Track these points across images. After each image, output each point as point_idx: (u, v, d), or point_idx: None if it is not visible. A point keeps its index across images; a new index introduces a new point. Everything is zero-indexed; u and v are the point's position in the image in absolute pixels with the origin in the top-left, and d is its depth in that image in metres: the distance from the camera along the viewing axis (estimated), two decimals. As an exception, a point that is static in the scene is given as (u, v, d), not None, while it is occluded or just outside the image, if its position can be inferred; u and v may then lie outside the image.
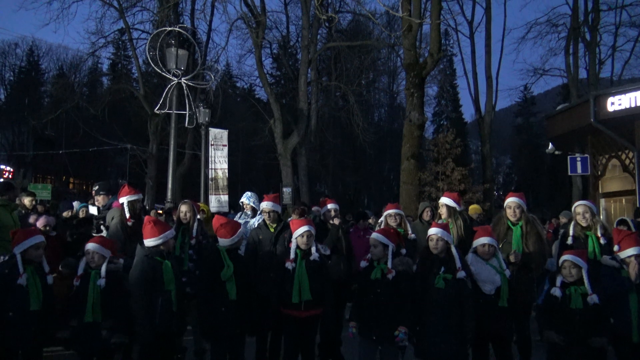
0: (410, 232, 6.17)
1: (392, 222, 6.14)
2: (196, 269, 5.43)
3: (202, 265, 4.89)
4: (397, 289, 4.44)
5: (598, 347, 4.15)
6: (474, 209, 10.11)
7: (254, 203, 6.86)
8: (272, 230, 5.70)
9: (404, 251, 4.88)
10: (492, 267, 4.56)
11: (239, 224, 4.87)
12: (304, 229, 4.81)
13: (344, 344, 5.75)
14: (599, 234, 5.22)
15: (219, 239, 4.63)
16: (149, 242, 4.47)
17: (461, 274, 4.32)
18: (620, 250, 4.57)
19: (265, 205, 5.83)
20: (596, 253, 5.11)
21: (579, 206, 5.48)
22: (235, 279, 4.51)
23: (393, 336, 4.28)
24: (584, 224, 5.36)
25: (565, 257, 4.39)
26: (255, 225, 6.12)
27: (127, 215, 5.42)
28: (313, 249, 4.83)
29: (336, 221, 6.15)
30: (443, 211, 5.92)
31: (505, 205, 5.54)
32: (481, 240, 4.64)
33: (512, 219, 5.37)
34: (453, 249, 4.47)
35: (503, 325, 4.53)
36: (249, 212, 6.70)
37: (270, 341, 5.22)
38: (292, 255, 4.74)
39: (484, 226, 5.07)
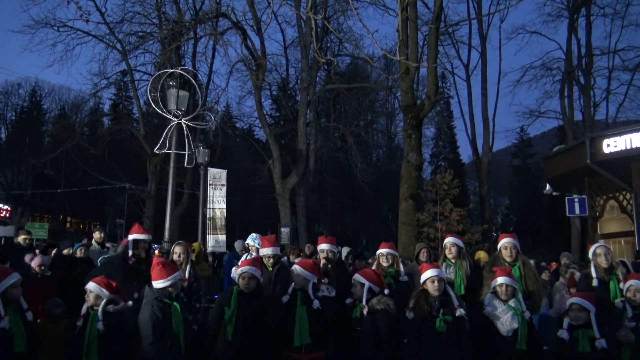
0: (403, 273, 5.97)
1: (384, 262, 6.03)
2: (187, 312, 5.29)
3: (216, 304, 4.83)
4: (374, 328, 4.45)
5: None
6: (483, 256, 9.89)
7: (259, 244, 6.79)
8: (270, 269, 5.64)
9: (387, 291, 4.84)
10: (511, 308, 4.51)
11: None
12: (310, 276, 4.78)
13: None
14: (621, 277, 5.09)
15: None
16: (157, 284, 4.38)
17: (460, 311, 4.33)
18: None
19: (267, 251, 5.79)
20: (618, 296, 4.99)
21: (598, 247, 5.37)
22: (238, 320, 4.48)
23: None
24: (605, 266, 5.23)
25: (572, 299, 4.35)
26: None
27: (130, 253, 5.35)
28: (318, 292, 4.79)
29: (322, 263, 5.86)
30: (453, 251, 5.75)
31: (500, 246, 5.50)
32: (499, 281, 4.61)
33: (508, 259, 5.33)
34: (449, 289, 4.50)
35: None
36: (254, 254, 6.69)
37: None
38: (290, 291, 4.74)
39: (503, 267, 5.03)
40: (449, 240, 5.91)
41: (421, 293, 4.53)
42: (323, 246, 6.05)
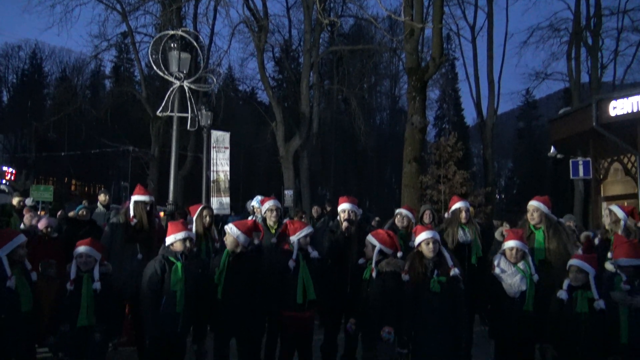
0: (413, 238, 5.93)
1: (399, 223, 6.03)
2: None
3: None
4: (383, 289, 4.52)
5: None
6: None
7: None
8: (272, 231, 5.60)
9: (400, 254, 4.82)
10: (520, 270, 4.61)
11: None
12: (307, 230, 4.87)
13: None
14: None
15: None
16: (167, 240, 4.65)
17: (455, 271, 4.38)
18: (613, 256, 4.54)
19: (270, 203, 5.79)
20: None
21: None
22: (226, 280, 4.59)
23: (378, 336, 4.38)
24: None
25: (571, 261, 4.42)
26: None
27: (131, 214, 5.36)
28: (310, 249, 4.90)
29: (344, 226, 5.47)
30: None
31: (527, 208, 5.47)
32: (510, 244, 4.69)
33: (532, 222, 5.32)
34: (444, 250, 4.55)
35: (527, 330, 4.51)
36: (259, 216, 6.54)
37: (266, 343, 5.09)
38: (294, 255, 4.74)
39: (514, 229, 5.10)
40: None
41: (416, 255, 4.57)
42: (344, 206, 5.62)
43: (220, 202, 14.20)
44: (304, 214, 10.61)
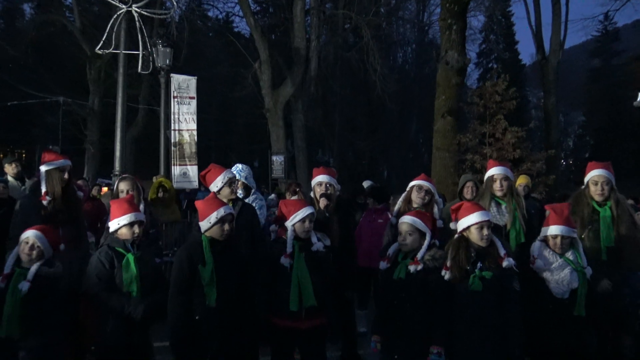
0: (437, 216, 5.84)
1: (418, 198, 6.03)
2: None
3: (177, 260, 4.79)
4: (426, 292, 4.46)
5: None
6: (522, 180, 9.92)
7: (246, 179, 6.92)
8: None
9: (437, 243, 4.83)
10: (569, 261, 4.60)
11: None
12: (305, 211, 4.85)
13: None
14: None
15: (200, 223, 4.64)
16: (110, 225, 4.73)
17: (509, 261, 4.37)
18: None
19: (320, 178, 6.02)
20: None
21: None
22: (219, 279, 4.51)
23: (419, 357, 4.35)
24: None
25: None
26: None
27: (43, 190, 5.32)
28: (313, 239, 4.88)
29: (322, 203, 5.88)
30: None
31: (588, 180, 5.51)
32: (553, 230, 4.67)
33: (598, 198, 5.36)
34: (493, 236, 4.53)
35: (579, 340, 4.51)
36: (240, 192, 6.68)
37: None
38: (289, 249, 4.75)
39: (559, 205, 4.97)
40: (495, 171, 5.82)
41: (460, 243, 4.53)
42: (320, 178, 6.00)
43: (184, 172, 13.97)
44: (299, 187, 10.51)
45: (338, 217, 5.85)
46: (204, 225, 4.56)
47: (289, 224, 4.85)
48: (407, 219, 4.74)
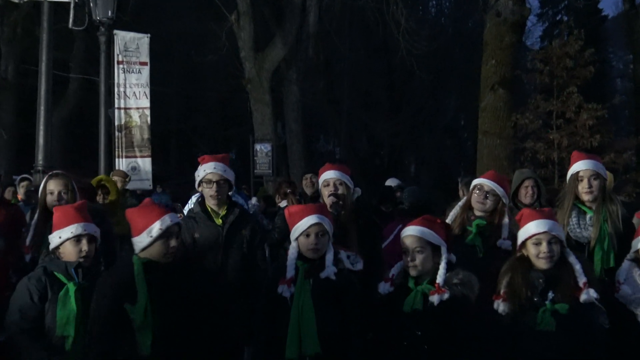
0: (506, 234, 5.30)
1: (478, 204, 5.29)
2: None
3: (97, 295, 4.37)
4: (453, 329, 4.01)
5: None
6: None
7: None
8: (218, 221, 5.19)
9: (454, 258, 4.34)
10: None
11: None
12: (308, 221, 4.29)
13: None
14: None
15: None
16: (51, 240, 4.38)
17: (589, 293, 3.87)
18: None
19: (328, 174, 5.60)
20: None
21: None
22: (157, 319, 4.12)
23: None
24: None
25: None
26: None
27: None
28: (328, 259, 4.27)
29: (328, 201, 5.38)
30: (594, 186, 5.14)
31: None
32: None
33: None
34: (570, 254, 4.13)
35: None
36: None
37: None
38: (289, 272, 4.28)
39: None
40: (582, 166, 5.20)
41: (517, 264, 4.15)
42: (328, 174, 5.56)
43: (133, 165, 13.24)
44: (292, 185, 9.60)
45: (357, 228, 5.30)
46: (138, 242, 4.24)
47: (292, 237, 4.48)
48: (412, 230, 4.26)
